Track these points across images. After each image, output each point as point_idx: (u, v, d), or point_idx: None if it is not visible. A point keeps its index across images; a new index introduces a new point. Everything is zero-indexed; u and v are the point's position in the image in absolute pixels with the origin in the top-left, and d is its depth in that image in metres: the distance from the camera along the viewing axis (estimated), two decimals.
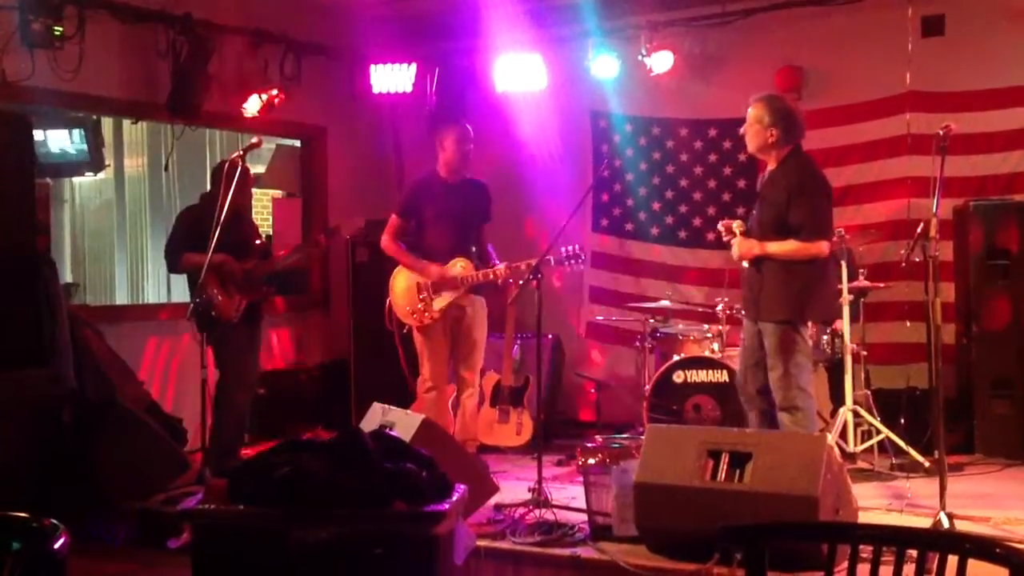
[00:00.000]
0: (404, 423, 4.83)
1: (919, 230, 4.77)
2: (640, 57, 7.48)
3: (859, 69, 7.25)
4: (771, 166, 5.20)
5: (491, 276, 6.00)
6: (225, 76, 7.30)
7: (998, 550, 2.27)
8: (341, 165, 8.59)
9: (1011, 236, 6.52)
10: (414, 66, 8.06)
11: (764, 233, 5.10)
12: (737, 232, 5.15)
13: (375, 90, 8.09)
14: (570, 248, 5.72)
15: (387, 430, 4.46)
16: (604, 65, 7.67)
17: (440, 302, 6.04)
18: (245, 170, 5.95)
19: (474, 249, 6.15)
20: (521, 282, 5.57)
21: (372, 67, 8.07)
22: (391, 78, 8.08)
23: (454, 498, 3.33)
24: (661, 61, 7.49)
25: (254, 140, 6.03)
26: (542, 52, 7.70)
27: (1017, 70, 6.84)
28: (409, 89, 8.10)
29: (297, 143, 8.76)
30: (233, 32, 7.41)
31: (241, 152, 5.88)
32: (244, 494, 3.30)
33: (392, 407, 5.10)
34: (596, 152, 8.23)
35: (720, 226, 5.30)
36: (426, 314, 6.06)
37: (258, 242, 6.39)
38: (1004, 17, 6.81)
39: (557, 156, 8.16)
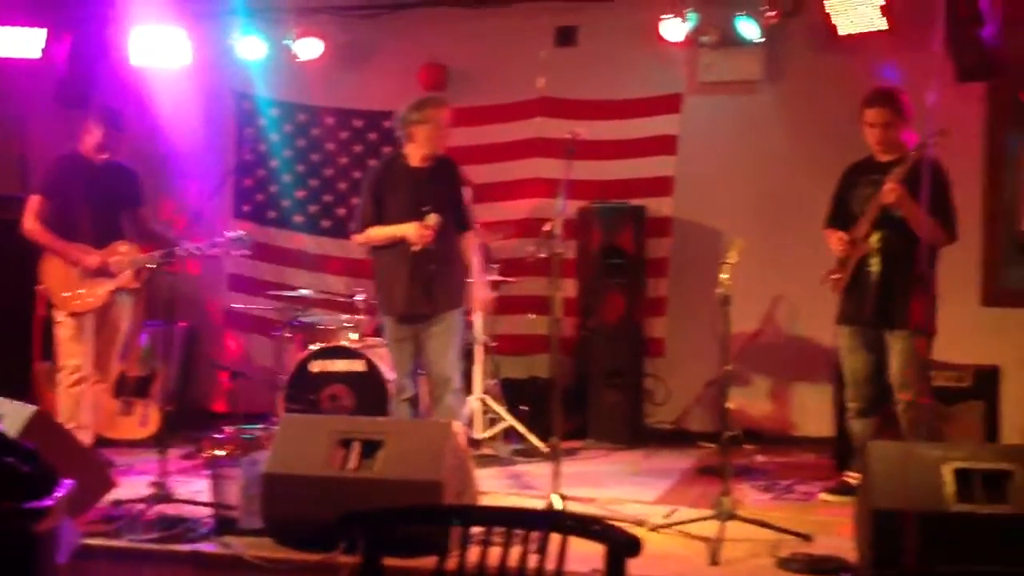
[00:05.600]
0: (13, 414, 4.46)
1: (546, 228, 5.02)
2: (287, 42, 7.36)
3: (498, 72, 7.54)
4: None
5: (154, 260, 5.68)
6: None
7: (596, 527, 2.44)
8: None
9: (626, 237, 7.06)
10: (44, 31, 7.44)
11: None
12: None
13: None
14: (200, 246, 5.60)
15: None
16: (250, 46, 7.48)
17: (102, 288, 5.69)
18: None
19: (125, 234, 5.86)
20: (151, 266, 5.32)
21: None
22: (16, 42, 7.39)
23: (59, 494, 3.11)
24: (309, 48, 7.43)
25: None
26: (186, 27, 7.37)
27: (640, 83, 7.38)
28: (38, 56, 7.45)
29: None
30: None
31: None
32: None
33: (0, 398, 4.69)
34: (239, 135, 8.00)
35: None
36: (89, 299, 5.69)
37: None
38: (631, 32, 7.30)
39: (198, 136, 7.84)
